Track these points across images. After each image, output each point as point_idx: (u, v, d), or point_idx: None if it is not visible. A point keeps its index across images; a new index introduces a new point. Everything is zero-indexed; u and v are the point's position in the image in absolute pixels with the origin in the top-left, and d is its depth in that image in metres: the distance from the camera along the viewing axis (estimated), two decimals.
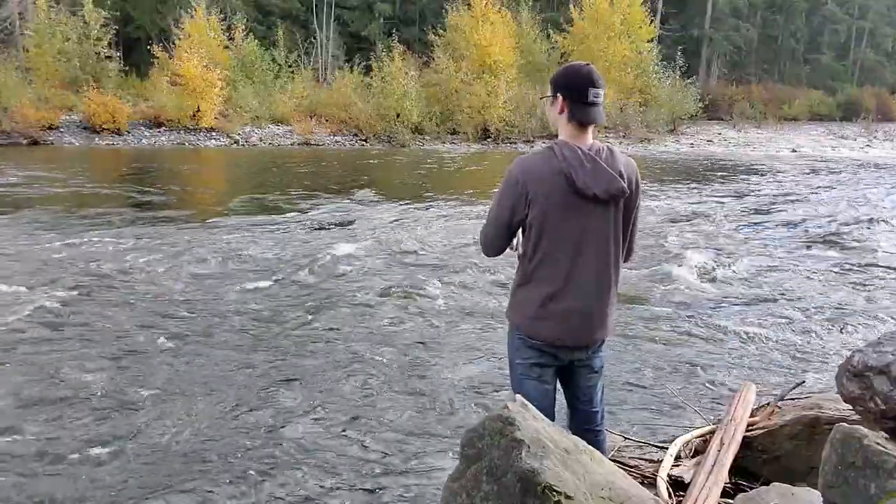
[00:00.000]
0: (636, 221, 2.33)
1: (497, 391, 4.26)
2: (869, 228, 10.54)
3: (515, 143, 27.93)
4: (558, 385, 2.43)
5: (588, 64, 2.21)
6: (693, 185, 16.29)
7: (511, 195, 2.19)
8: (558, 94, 2.20)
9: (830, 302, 6.51)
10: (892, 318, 6.02)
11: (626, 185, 2.16)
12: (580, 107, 2.16)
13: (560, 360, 2.31)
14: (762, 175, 19.22)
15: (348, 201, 12.45)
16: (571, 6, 34.01)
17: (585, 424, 2.42)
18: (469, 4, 31.67)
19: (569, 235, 2.17)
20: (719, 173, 19.60)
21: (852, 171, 20.89)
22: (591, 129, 2.21)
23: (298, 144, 25.74)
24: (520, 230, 2.28)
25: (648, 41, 35.42)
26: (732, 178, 18.19)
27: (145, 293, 6.23)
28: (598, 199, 2.13)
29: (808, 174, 19.69)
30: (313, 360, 4.77)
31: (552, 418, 2.12)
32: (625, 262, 2.37)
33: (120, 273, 6.91)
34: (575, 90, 2.16)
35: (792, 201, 13.76)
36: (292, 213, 10.92)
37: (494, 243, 2.32)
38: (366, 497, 3.15)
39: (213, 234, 9.10)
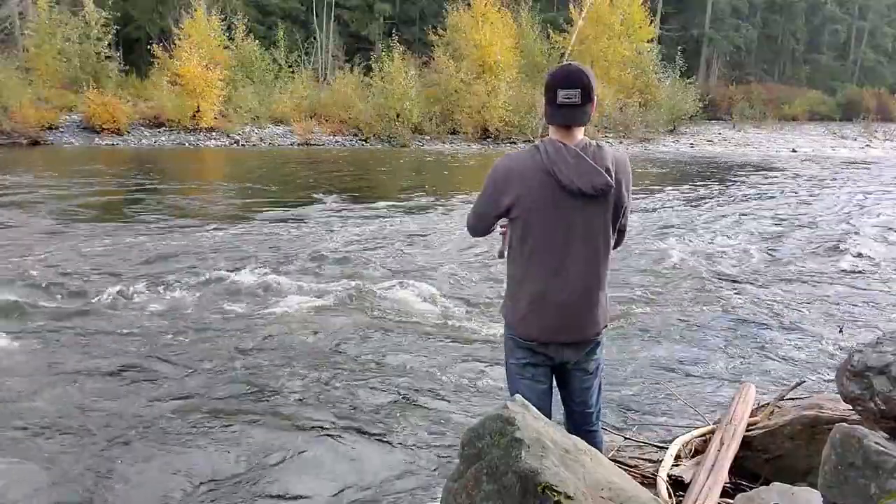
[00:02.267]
0: (627, 216, 2.30)
1: (497, 391, 4.25)
2: (869, 228, 10.54)
3: (515, 142, 27.93)
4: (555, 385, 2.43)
5: (570, 64, 2.19)
6: (693, 185, 16.29)
7: (494, 190, 2.24)
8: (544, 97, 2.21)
9: (830, 302, 6.51)
10: (892, 318, 6.02)
11: (611, 180, 2.13)
12: (552, 108, 2.16)
13: (552, 360, 2.31)
14: (762, 175, 19.22)
15: (348, 202, 12.45)
16: (571, 6, 34.04)
17: (581, 424, 2.43)
18: (469, 4, 31.70)
19: (555, 232, 2.18)
20: (719, 173, 19.60)
21: (852, 170, 20.89)
22: (577, 128, 2.18)
23: (298, 144, 25.76)
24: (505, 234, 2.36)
25: (648, 41, 35.45)
26: (732, 178, 18.19)
27: (149, 295, 6.24)
28: (584, 195, 2.13)
29: (808, 174, 19.69)
30: (309, 360, 4.77)
31: (548, 418, 2.12)
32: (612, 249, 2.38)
33: (117, 273, 6.92)
34: (548, 91, 2.15)
35: (791, 201, 13.76)
36: (291, 214, 10.92)
37: (477, 228, 2.43)
38: (366, 497, 3.15)
39: (211, 233, 9.10)
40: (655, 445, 3.11)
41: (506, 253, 2.38)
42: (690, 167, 21.53)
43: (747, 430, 2.86)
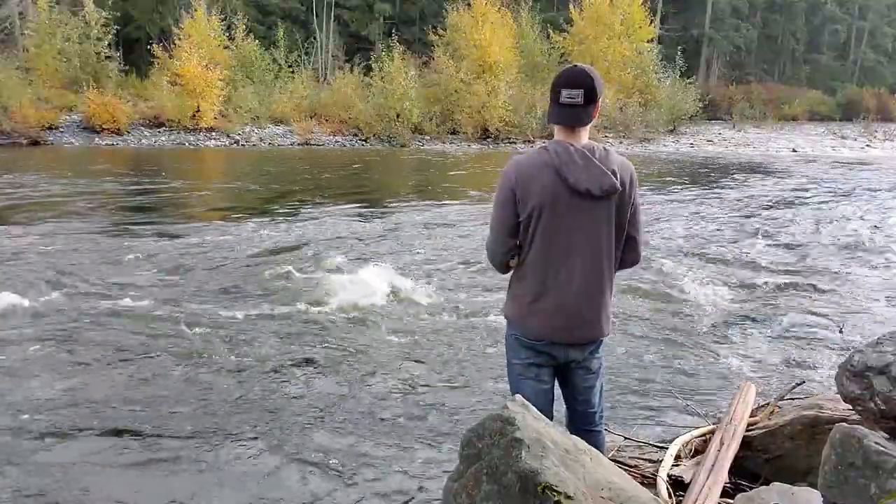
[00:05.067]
0: (638, 226, 2.30)
1: (497, 391, 4.25)
2: (868, 228, 10.54)
3: (515, 142, 27.92)
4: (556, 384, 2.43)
5: (576, 65, 2.20)
6: (693, 186, 16.28)
7: (506, 197, 2.22)
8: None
9: (830, 302, 6.51)
10: (892, 318, 6.01)
11: (618, 182, 2.15)
12: (554, 107, 2.17)
13: (556, 360, 2.31)
14: (762, 175, 19.21)
15: (348, 202, 12.44)
16: (571, 6, 34.03)
17: (583, 424, 2.42)
18: (469, 4, 31.69)
19: (561, 231, 2.19)
20: (719, 173, 19.60)
21: (852, 170, 20.89)
22: (581, 129, 2.19)
23: (298, 144, 25.75)
24: None
25: (648, 41, 35.44)
26: (732, 179, 18.18)
27: (152, 299, 6.24)
28: (591, 196, 2.14)
29: (808, 174, 19.68)
30: (309, 361, 4.76)
31: (550, 418, 2.12)
32: (629, 266, 2.39)
33: (118, 275, 6.92)
34: (553, 90, 2.17)
35: (791, 202, 13.76)
36: (290, 214, 10.91)
37: (497, 252, 2.29)
38: (366, 497, 3.15)
39: (211, 235, 9.09)
40: (655, 445, 3.11)
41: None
42: (691, 167, 21.52)
43: (747, 430, 2.86)
